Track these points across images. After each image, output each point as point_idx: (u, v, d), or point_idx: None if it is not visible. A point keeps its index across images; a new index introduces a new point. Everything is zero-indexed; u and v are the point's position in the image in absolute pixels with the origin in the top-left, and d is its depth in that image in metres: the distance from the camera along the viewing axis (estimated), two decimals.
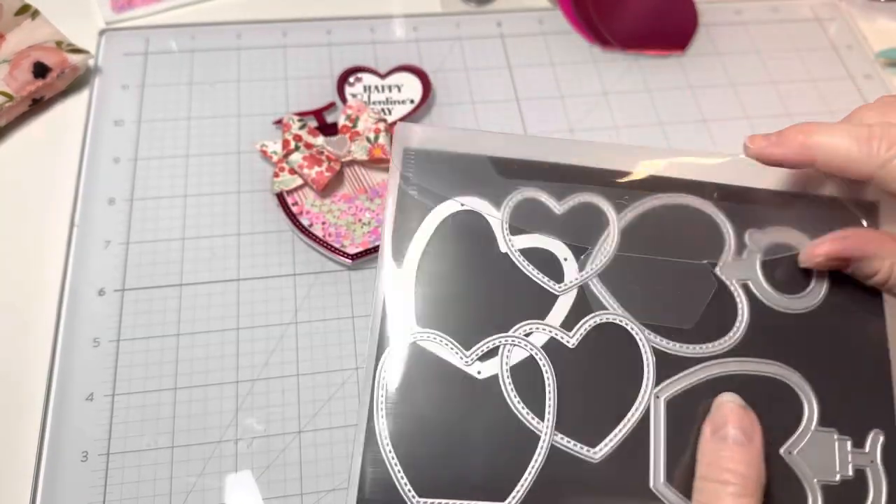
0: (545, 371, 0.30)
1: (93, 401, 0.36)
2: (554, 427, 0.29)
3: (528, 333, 0.30)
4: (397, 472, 0.29)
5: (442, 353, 0.30)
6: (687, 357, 0.30)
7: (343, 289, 0.40)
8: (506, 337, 0.30)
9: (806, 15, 0.56)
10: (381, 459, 0.29)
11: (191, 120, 0.46)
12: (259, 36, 0.50)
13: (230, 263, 0.41)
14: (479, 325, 0.31)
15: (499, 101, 0.48)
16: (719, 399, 0.28)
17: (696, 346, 0.30)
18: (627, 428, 0.29)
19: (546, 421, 0.29)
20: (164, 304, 0.39)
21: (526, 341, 0.30)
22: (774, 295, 0.31)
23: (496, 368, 0.30)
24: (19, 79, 0.43)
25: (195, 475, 0.35)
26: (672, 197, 0.32)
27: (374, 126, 0.43)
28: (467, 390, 0.30)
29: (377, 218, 0.42)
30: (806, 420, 0.29)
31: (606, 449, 0.29)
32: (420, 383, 0.30)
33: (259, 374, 0.37)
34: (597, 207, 0.32)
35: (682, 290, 0.31)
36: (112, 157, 0.44)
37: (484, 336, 0.30)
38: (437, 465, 0.29)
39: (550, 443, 0.29)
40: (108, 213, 0.42)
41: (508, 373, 0.30)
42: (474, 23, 0.52)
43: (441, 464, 0.29)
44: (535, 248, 0.32)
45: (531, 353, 0.30)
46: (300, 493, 0.35)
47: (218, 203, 0.43)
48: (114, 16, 0.50)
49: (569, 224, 0.32)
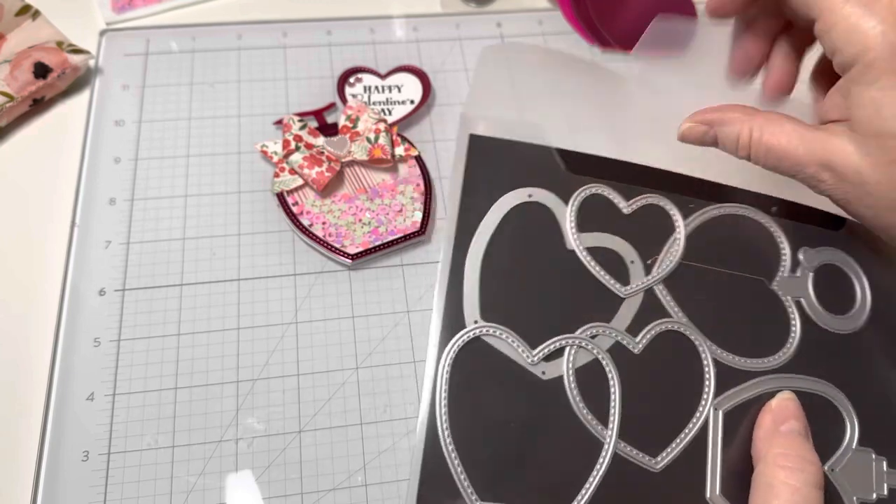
0: (610, 376, 0.29)
1: (93, 400, 0.36)
2: (617, 435, 0.29)
3: (593, 336, 0.30)
4: (459, 471, 0.28)
5: (506, 351, 0.30)
6: (745, 371, 0.30)
7: (343, 289, 0.40)
8: (572, 338, 0.30)
9: None
10: (441, 456, 0.28)
11: (191, 120, 0.46)
12: (259, 36, 0.50)
13: (231, 263, 0.41)
14: (544, 323, 0.30)
15: None
16: (783, 395, 0.29)
17: (754, 360, 0.30)
18: (687, 439, 0.29)
19: (609, 428, 0.29)
20: (165, 304, 0.39)
21: (592, 343, 0.30)
22: (824, 314, 0.31)
23: (561, 370, 0.29)
24: (20, 79, 0.43)
25: (196, 475, 0.35)
26: (735, 208, 0.32)
27: (375, 126, 0.43)
28: (532, 391, 0.29)
29: (377, 218, 0.42)
30: (847, 438, 0.29)
31: (667, 459, 0.29)
32: (484, 381, 0.29)
33: (259, 374, 0.37)
34: (664, 211, 0.32)
35: (743, 303, 0.31)
36: (113, 158, 0.44)
37: (549, 335, 0.30)
38: (499, 466, 0.28)
39: (613, 450, 0.28)
40: (109, 213, 0.42)
41: (573, 375, 0.29)
42: (474, 23, 0.52)
43: (503, 465, 0.28)
44: (601, 248, 0.31)
45: (597, 356, 0.30)
46: (300, 492, 0.35)
47: (218, 203, 0.43)
48: (114, 16, 0.50)
49: (635, 225, 0.32)
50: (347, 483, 0.35)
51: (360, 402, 0.37)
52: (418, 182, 0.43)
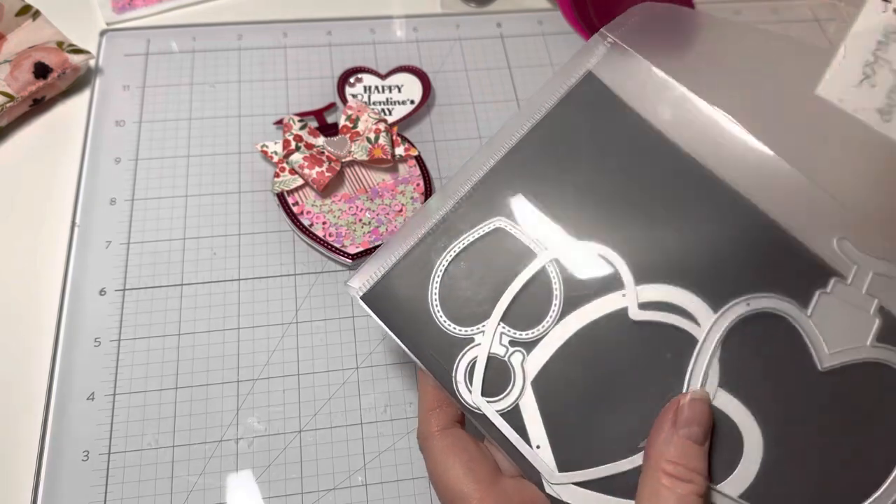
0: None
1: (94, 400, 0.36)
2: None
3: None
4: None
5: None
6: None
7: (343, 289, 0.40)
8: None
9: (805, 15, 0.56)
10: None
11: (192, 120, 0.46)
12: (259, 36, 0.50)
13: (231, 263, 0.41)
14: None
15: (499, 102, 0.48)
16: (694, 395, 0.27)
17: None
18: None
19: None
20: (165, 304, 0.39)
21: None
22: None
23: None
24: (20, 79, 0.43)
25: (196, 474, 0.35)
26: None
27: (375, 126, 0.43)
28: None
29: (377, 218, 0.42)
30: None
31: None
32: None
33: (259, 374, 0.37)
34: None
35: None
36: (113, 158, 0.44)
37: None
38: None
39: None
40: (110, 213, 0.42)
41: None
42: (474, 23, 0.53)
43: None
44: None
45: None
46: (300, 492, 0.35)
47: (219, 203, 0.43)
48: (115, 16, 0.50)
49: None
50: (347, 483, 0.35)
51: (360, 402, 0.37)
52: (418, 182, 0.43)
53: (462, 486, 0.27)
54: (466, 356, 0.29)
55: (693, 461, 0.25)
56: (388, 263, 0.30)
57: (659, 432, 0.26)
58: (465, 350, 0.29)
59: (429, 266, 0.30)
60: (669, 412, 0.26)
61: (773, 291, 0.28)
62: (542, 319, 0.29)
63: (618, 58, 0.32)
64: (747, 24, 0.32)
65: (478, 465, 0.28)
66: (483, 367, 0.28)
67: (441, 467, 0.28)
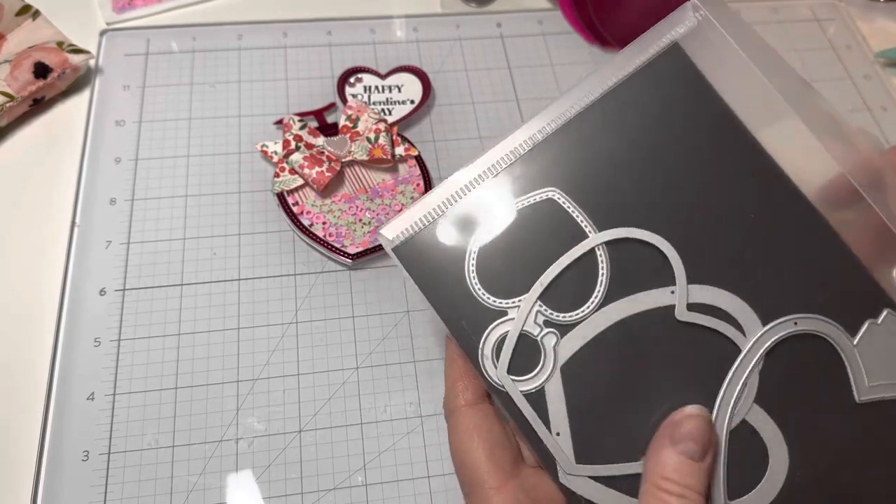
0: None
1: (94, 400, 0.36)
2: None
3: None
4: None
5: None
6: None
7: (343, 289, 0.40)
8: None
9: (805, 15, 0.56)
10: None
11: (191, 120, 0.46)
12: (259, 36, 0.50)
13: (231, 263, 0.41)
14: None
15: (499, 102, 0.48)
16: (690, 410, 0.26)
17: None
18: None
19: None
20: (165, 304, 0.39)
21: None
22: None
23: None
24: (20, 79, 0.43)
25: (196, 474, 0.35)
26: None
27: (375, 126, 0.43)
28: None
29: (377, 218, 0.42)
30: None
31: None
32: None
33: (259, 374, 0.37)
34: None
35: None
36: (113, 158, 0.44)
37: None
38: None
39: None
40: (109, 213, 0.42)
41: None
42: (474, 23, 0.53)
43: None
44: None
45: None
46: (300, 492, 0.35)
47: (219, 203, 0.43)
48: (115, 16, 0.50)
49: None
50: (347, 483, 0.35)
51: (360, 402, 0.37)
52: (418, 182, 0.43)
53: (481, 472, 0.27)
54: (497, 329, 0.27)
55: (688, 478, 0.25)
56: (429, 218, 0.28)
57: (657, 449, 0.25)
58: (497, 323, 0.27)
59: (472, 226, 0.28)
60: (667, 427, 0.26)
61: (825, 312, 0.27)
62: (583, 303, 0.27)
63: (709, 34, 0.29)
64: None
65: (500, 451, 0.27)
66: (514, 344, 0.27)
67: (464, 447, 0.27)
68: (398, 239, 0.28)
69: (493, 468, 0.27)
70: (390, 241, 0.28)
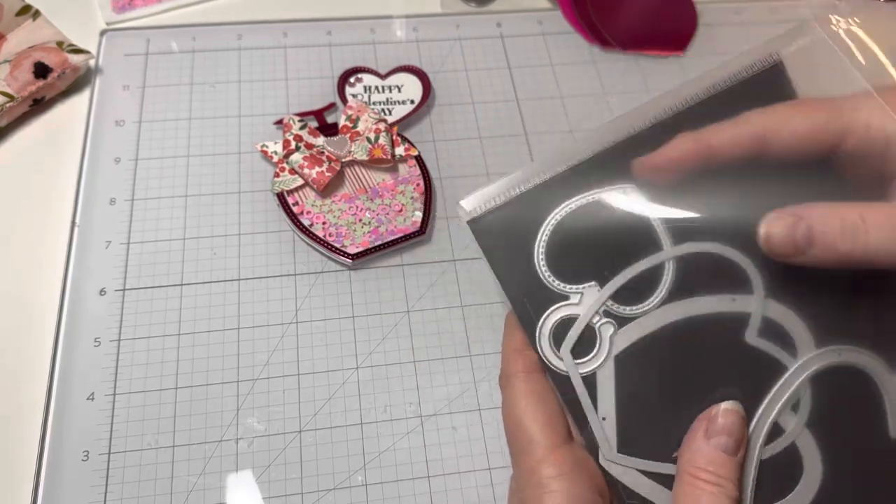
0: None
1: (94, 400, 0.36)
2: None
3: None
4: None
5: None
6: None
7: (343, 289, 0.40)
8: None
9: (805, 15, 0.56)
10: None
11: (191, 120, 0.46)
12: (259, 36, 0.50)
13: (231, 263, 0.41)
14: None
15: (499, 102, 0.48)
16: (727, 406, 0.27)
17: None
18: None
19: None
20: (165, 304, 0.39)
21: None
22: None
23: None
24: (20, 79, 0.43)
25: (196, 474, 0.35)
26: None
27: (375, 126, 0.43)
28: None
29: (377, 218, 0.42)
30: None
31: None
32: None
33: (259, 374, 0.37)
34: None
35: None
36: (113, 158, 0.44)
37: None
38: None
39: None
40: (109, 213, 0.42)
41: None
42: (474, 23, 0.53)
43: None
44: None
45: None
46: (300, 492, 0.35)
47: (219, 203, 0.43)
48: (115, 16, 0.50)
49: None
50: (347, 483, 0.35)
51: (360, 402, 0.37)
52: (418, 182, 0.43)
53: (537, 432, 0.27)
54: (557, 312, 0.28)
55: (723, 469, 0.25)
56: (508, 195, 0.29)
57: (691, 441, 0.26)
58: (558, 305, 0.28)
59: (546, 210, 0.29)
60: (703, 421, 0.26)
61: (873, 346, 0.27)
62: (645, 299, 0.28)
63: (821, 54, 0.29)
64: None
65: (556, 420, 0.28)
66: (581, 329, 0.28)
67: (520, 407, 0.28)
68: (476, 212, 0.29)
69: (549, 432, 0.27)
70: (468, 213, 0.29)
